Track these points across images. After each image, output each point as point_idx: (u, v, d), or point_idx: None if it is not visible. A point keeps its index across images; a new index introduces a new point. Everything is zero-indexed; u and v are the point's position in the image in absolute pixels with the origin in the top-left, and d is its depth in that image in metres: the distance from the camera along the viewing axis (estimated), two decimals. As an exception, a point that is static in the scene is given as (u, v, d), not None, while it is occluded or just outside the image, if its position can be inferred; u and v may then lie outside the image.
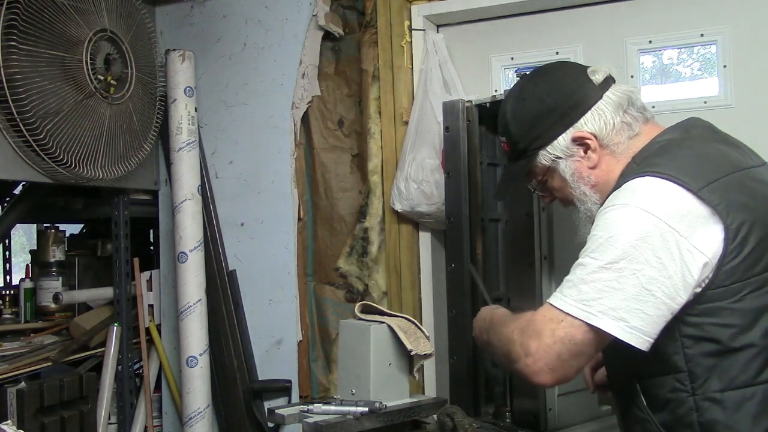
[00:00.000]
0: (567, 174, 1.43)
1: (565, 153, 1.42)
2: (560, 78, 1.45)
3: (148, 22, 2.71)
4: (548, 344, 1.21)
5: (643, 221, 1.20)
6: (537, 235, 1.83)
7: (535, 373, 1.22)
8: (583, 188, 1.42)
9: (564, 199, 1.49)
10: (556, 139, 1.42)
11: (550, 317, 1.23)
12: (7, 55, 2.18)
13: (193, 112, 2.72)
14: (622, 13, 2.34)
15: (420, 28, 2.51)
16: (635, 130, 1.40)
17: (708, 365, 1.23)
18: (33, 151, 2.31)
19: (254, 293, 2.80)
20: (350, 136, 2.65)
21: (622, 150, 1.39)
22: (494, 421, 1.92)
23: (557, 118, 1.41)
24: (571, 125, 1.40)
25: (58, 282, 3.07)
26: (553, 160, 1.43)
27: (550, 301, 1.25)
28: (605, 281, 1.20)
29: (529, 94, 1.46)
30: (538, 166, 1.47)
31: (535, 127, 1.43)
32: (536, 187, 1.54)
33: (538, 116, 1.43)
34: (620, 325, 1.18)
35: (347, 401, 1.87)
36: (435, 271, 2.54)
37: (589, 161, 1.41)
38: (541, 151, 1.44)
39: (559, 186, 1.47)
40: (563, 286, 1.25)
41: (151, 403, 2.94)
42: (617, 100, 1.40)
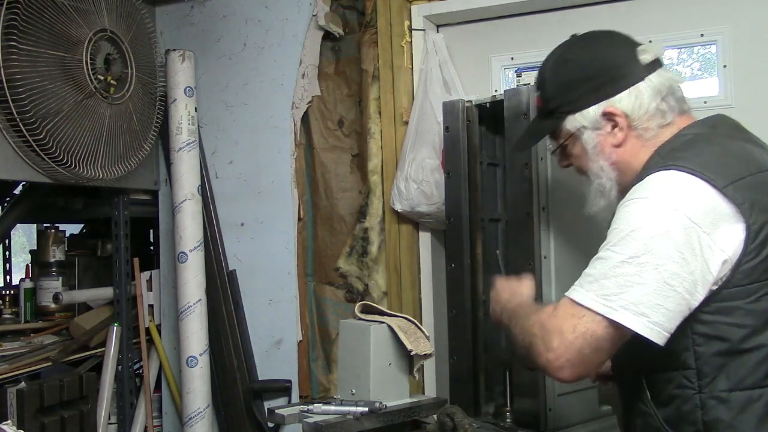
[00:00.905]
0: (589, 145, 1.41)
1: (593, 124, 1.39)
2: (608, 48, 1.42)
3: (148, 22, 2.71)
4: (570, 340, 1.20)
5: (667, 216, 1.19)
6: (537, 235, 1.83)
7: (558, 369, 1.21)
8: (602, 163, 1.40)
9: (580, 168, 1.47)
10: (587, 109, 1.39)
11: (571, 312, 1.22)
12: (7, 55, 2.18)
13: (193, 112, 2.72)
14: (622, 13, 2.34)
15: (420, 28, 2.51)
16: (667, 120, 1.38)
17: (717, 364, 1.22)
18: (33, 151, 2.31)
19: (254, 293, 2.80)
20: (350, 136, 2.65)
21: (649, 136, 1.37)
22: (494, 421, 1.92)
23: (593, 87, 1.39)
24: (605, 98, 1.38)
25: (58, 282, 3.07)
26: (578, 128, 1.41)
27: (571, 296, 1.23)
28: (627, 276, 1.18)
29: (574, 57, 1.43)
30: (563, 130, 1.45)
31: (570, 91, 1.41)
32: (556, 149, 1.51)
33: (575, 81, 1.41)
34: (642, 320, 1.16)
35: (347, 401, 1.88)
36: (435, 271, 2.54)
37: (614, 138, 1.39)
38: (569, 116, 1.42)
39: (578, 154, 1.45)
40: (583, 281, 1.24)
41: (151, 403, 2.94)
42: (658, 85, 1.37)
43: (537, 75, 1.51)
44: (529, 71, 2.48)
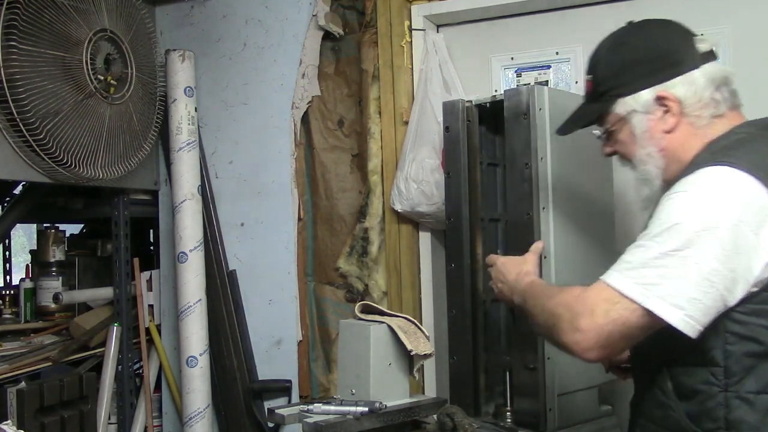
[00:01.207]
0: (638, 130, 1.39)
1: (644, 108, 1.37)
2: (666, 34, 1.41)
3: (148, 22, 2.71)
4: (600, 324, 1.20)
5: (714, 211, 1.18)
6: (537, 235, 1.83)
7: (584, 350, 1.22)
8: (650, 149, 1.38)
9: (625, 155, 1.45)
10: (640, 92, 1.37)
11: (604, 297, 1.21)
12: (7, 55, 2.18)
13: (193, 112, 2.72)
14: (622, 13, 2.33)
15: (420, 28, 2.51)
16: (720, 111, 1.36)
17: (747, 365, 1.22)
18: (33, 151, 2.31)
19: (254, 293, 2.80)
20: (350, 136, 2.65)
21: (701, 125, 1.35)
22: (494, 421, 1.92)
23: (649, 71, 1.37)
24: (660, 83, 1.36)
25: (58, 282, 3.07)
26: (629, 112, 1.39)
27: (607, 280, 1.23)
28: (668, 267, 1.18)
29: (630, 40, 1.42)
30: (612, 114, 1.42)
31: (624, 74, 1.39)
32: (602, 135, 1.48)
33: (630, 63, 1.39)
34: (678, 313, 1.16)
35: (347, 401, 1.87)
36: (435, 271, 2.54)
37: (665, 124, 1.37)
38: (621, 99, 1.39)
39: (625, 140, 1.42)
40: (621, 267, 1.23)
41: (151, 403, 2.94)
42: (713, 75, 1.36)
43: (589, 58, 1.49)
44: (529, 71, 2.48)
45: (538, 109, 1.84)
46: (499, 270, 1.63)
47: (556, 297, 1.31)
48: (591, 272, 1.83)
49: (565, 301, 1.27)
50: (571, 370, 1.85)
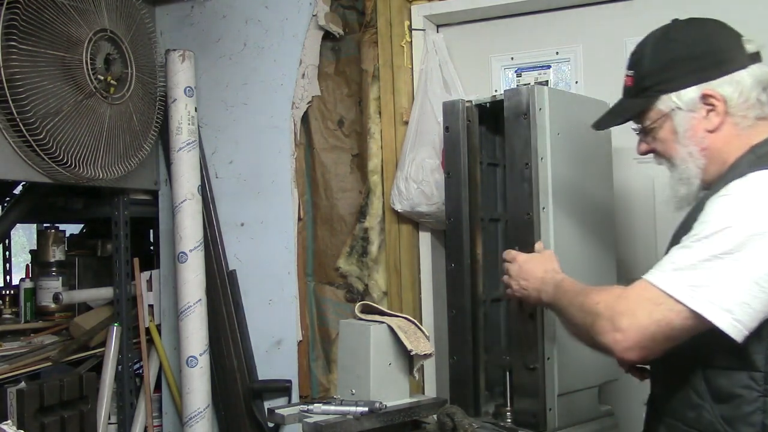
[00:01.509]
0: (681, 128, 1.37)
1: (688, 106, 1.35)
2: (714, 32, 1.39)
3: (148, 22, 2.71)
4: (643, 324, 1.19)
5: (762, 216, 1.17)
6: (537, 235, 1.83)
7: (625, 349, 1.20)
8: (692, 148, 1.36)
9: (663, 154, 1.42)
10: (685, 89, 1.35)
11: (648, 297, 1.20)
12: (7, 55, 2.18)
13: (193, 112, 2.72)
14: (622, 13, 2.34)
15: (420, 28, 2.51)
16: (765, 113, 1.35)
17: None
18: (33, 151, 2.31)
19: (254, 293, 2.80)
20: (350, 136, 2.66)
21: (745, 125, 1.34)
22: (494, 421, 1.92)
23: (696, 68, 1.35)
24: (706, 81, 1.34)
25: (58, 282, 3.07)
26: (672, 109, 1.37)
27: (651, 280, 1.21)
28: (718, 270, 1.16)
29: (678, 36, 1.40)
30: (654, 110, 1.40)
31: (670, 70, 1.37)
32: (641, 132, 1.46)
33: (677, 59, 1.37)
34: (726, 317, 1.15)
35: (347, 401, 1.87)
36: (435, 271, 2.54)
37: (708, 123, 1.35)
38: (664, 96, 1.37)
39: (665, 138, 1.40)
40: (666, 267, 1.21)
41: (151, 403, 2.94)
42: (760, 76, 1.34)
43: (632, 53, 1.46)
44: (529, 71, 2.48)
45: (538, 109, 1.84)
46: (522, 268, 1.61)
47: (595, 295, 1.29)
48: (591, 272, 1.84)
49: (605, 299, 1.26)
50: (571, 370, 1.85)
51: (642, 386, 2.18)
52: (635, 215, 2.32)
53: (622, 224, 2.27)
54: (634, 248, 2.29)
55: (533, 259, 1.63)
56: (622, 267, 2.12)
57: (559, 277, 1.52)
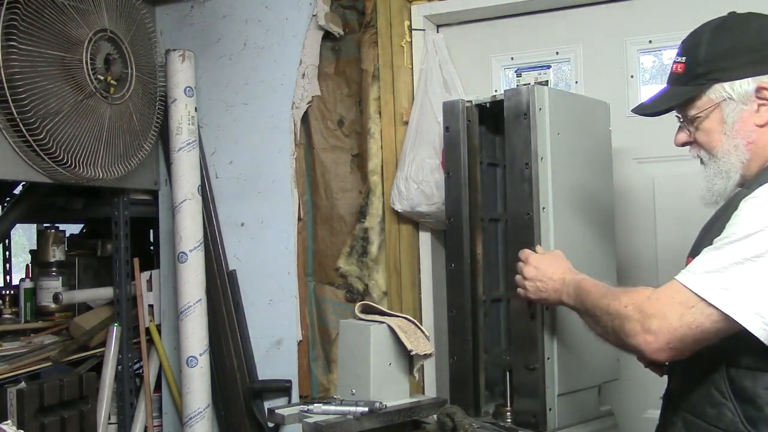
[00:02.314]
0: (729, 119, 1.34)
1: (741, 98, 1.33)
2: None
3: (148, 22, 2.71)
4: (674, 326, 1.19)
5: None
6: (537, 235, 1.83)
7: (656, 351, 1.21)
8: (738, 141, 1.34)
9: (705, 145, 1.39)
10: (741, 80, 1.33)
11: (679, 300, 1.20)
12: (7, 55, 2.18)
13: (193, 112, 2.72)
14: (622, 13, 2.34)
15: (420, 28, 2.51)
16: None
17: None
18: (33, 151, 2.31)
19: (254, 293, 2.80)
20: (350, 136, 2.65)
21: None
22: (494, 421, 1.92)
23: (754, 59, 1.33)
24: (762, 74, 1.32)
25: (58, 282, 3.07)
26: (724, 99, 1.34)
27: (683, 282, 1.20)
28: (750, 273, 1.15)
29: (738, 26, 1.37)
30: (704, 99, 1.37)
31: (727, 59, 1.34)
32: (684, 120, 1.43)
33: (736, 49, 1.34)
34: (757, 319, 1.15)
35: (347, 401, 1.87)
36: (435, 271, 2.54)
37: (759, 117, 1.33)
38: (717, 84, 1.35)
39: (711, 129, 1.37)
40: (698, 269, 1.21)
41: (151, 403, 2.94)
42: None
43: (685, 41, 1.43)
44: (529, 71, 2.48)
45: (538, 109, 1.84)
46: (538, 269, 1.59)
47: (623, 297, 1.28)
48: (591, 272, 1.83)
49: (634, 301, 1.25)
50: (571, 370, 1.85)
51: (642, 386, 2.19)
52: (635, 215, 2.32)
53: (622, 224, 2.27)
54: (634, 248, 2.29)
55: (547, 260, 1.61)
56: (622, 267, 2.12)
57: (579, 277, 1.51)
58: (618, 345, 1.30)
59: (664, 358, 1.22)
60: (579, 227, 1.94)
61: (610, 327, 1.30)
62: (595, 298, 1.38)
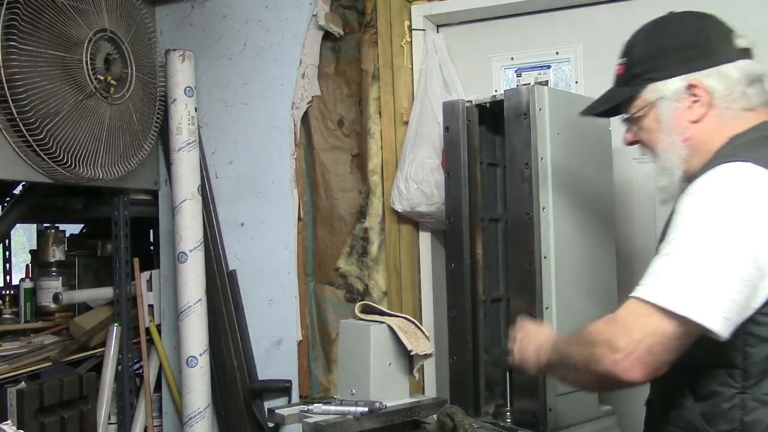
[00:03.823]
0: (665, 117, 1.37)
1: (674, 95, 1.36)
2: (707, 25, 1.39)
3: (148, 22, 2.71)
4: (638, 338, 1.16)
5: (740, 210, 1.16)
6: (537, 235, 1.83)
7: (626, 369, 1.17)
8: (675, 138, 1.36)
9: (648, 143, 1.42)
10: (672, 78, 1.36)
11: (638, 312, 1.18)
12: (7, 55, 2.18)
13: (193, 112, 2.72)
14: (622, 13, 2.34)
15: (420, 28, 2.51)
16: (751, 104, 1.34)
17: (765, 367, 1.20)
18: (33, 151, 2.31)
19: (254, 293, 2.80)
20: (350, 136, 2.65)
21: (729, 117, 1.34)
22: (494, 421, 1.92)
23: (684, 58, 1.35)
24: (693, 71, 1.34)
25: (58, 282, 3.07)
26: (658, 98, 1.37)
27: (637, 295, 1.20)
28: (697, 271, 1.15)
29: (671, 26, 1.41)
30: (640, 98, 1.40)
31: (660, 58, 1.38)
32: (627, 119, 1.46)
33: (667, 48, 1.38)
34: (717, 317, 1.13)
35: (347, 401, 1.87)
36: (435, 271, 2.54)
37: (692, 114, 1.35)
38: (652, 84, 1.38)
39: (650, 127, 1.40)
40: (649, 280, 1.20)
41: (151, 403, 2.94)
42: (747, 71, 1.34)
43: (626, 43, 1.46)
44: (529, 71, 2.48)
45: (538, 109, 1.84)
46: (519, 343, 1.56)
47: (586, 330, 1.27)
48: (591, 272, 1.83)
49: (597, 328, 1.24)
50: (571, 370, 1.85)
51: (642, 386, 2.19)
52: (635, 215, 2.33)
53: (622, 224, 2.27)
54: (635, 248, 2.29)
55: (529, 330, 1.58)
56: (622, 266, 2.12)
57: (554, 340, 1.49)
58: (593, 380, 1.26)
59: (638, 375, 1.17)
60: (579, 227, 1.94)
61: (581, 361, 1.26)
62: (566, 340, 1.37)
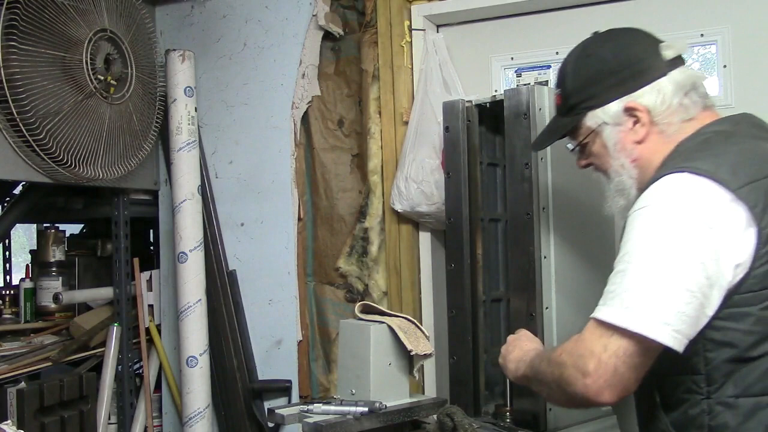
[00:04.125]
0: (610, 142, 1.39)
1: (614, 120, 1.37)
2: (630, 43, 1.40)
3: (148, 22, 2.71)
4: (604, 361, 1.16)
5: (682, 221, 1.17)
6: (537, 235, 1.83)
7: (596, 393, 1.18)
8: (623, 160, 1.38)
9: (599, 167, 1.45)
10: (609, 104, 1.37)
11: (599, 333, 1.19)
12: (7, 55, 2.18)
13: (193, 112, 2.72)
14: (622, 13, 2.34)
15: (420, 28, 2.51)
16: (691, 114, 1.35)
17: (726, 370, 1.21)
18: (33, 151, 2.31)
19: (254, 293, 2.80)
20: (350, 136, 2.66)
21: (672, 131, 1.35)
22: (494, 421, 1.92)
23: (615, 82, 1.37)
24: (627, 93, 1.36)
25: (58, 282, 3.07)
26: (599, 125, 1.39)
27: (596, 316, 1.20)
28: (648, 286, 1.16)
29: (595, 52, 1.42)
30: (583, 127, 1.43)
31: (591, 86, 1.39)
32: (575, 148, 1.49)
33: (597, 75, 1.39)
34: (666, 330, 1.14)
35: (347, 401, 1.87)
36: (435, 271, 2.54)
37: (635, 135, 1.36)
38: (590, 112, 1.40)
39: (598, 152, 1.43)
40: (605, 299, 1.21)
41: (151, 403, 2.94)
42: (681, 81, 1.35)
43: (557, 72, 1.49)
44: (529, 71, 2.48)
45: (538, 109, 1.84)
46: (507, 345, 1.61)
47: (558, 348, 1.29)
48: (591, 272, 1.84)
49: (566, 348, 1.24)
50: (571, 370, 1.85)
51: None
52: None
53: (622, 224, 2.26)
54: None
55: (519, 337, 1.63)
56: (622, 267, 2.12)
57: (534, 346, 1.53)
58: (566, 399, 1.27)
59: (609, 398, 1.18)
60: (579, 227, 1.94)
61: (553, 381, 1.27)
62: (540, 358, 1.39)
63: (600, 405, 1.21)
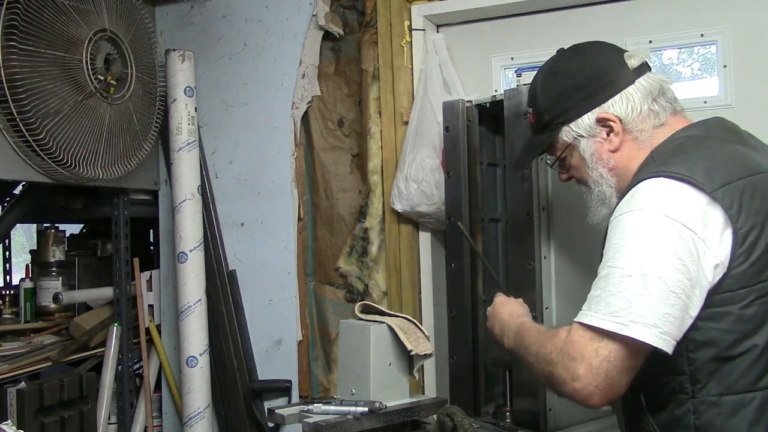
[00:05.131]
0: (587, 154, 1.43)
1: (588, 132, 1.42)
2: (595, 56, 1.44)
3: (148, 22, 2.71)
4: (595, 366, 1.18)
5: (662, 224, 1.19)
6: (537, 235, 1.83)
7: (587, 397, 1.20)
8: (601, 170, 1.42)
9: (580, 179, 1.49)
10: (581, 117, 1.41)
11: (589, 337, 1.20)
12: (7, 55, 2.18)
13: (193, 112, 2.72)
14: (622, 13, 2.34)
15: (420, 28, 2.51)
16: (661, 120, 1.39)
17: (709, 369, 1.22)
18: (33, 151, 2.31)
19: (254, 293, 2.80)
20: (350, 136, 2.66)
21: (645, 138, 1.39)
22: (494, 421, 1.92)
23: (585, 96, 1.41)
24: (597, 105, 1.40)
25: (58, 282, 3.07)
26: (575, 138, 1.43)
27: (583, 321, 1.22)
28: (632, 289, 1.18)
29: (562, 68, 1.46)
30: (559, 142, 1.47)
31: (562, 102, 1.43)
32: (554, 163, 1.53)
33: (566, 91, 1.43)
34: (653, 332, 1.16)
35: (347, 401, 1.87)
36: (435, 271, 2.54)
37: (610, 144, 1.41)
38: (565, 127, 1.44)
39: (577, 165, 1.47)
40: (591, 302, 1.22)
41: (151, 403, 2.94)
42: (648, 87, 1.40)
43: (528, 92, 1.53)
44: (529, 71, 2.48)
45: (538, 109, 1.83)
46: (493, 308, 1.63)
47: (548, 344, 1.29)
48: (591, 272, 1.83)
49: (556, 347, 1.25)
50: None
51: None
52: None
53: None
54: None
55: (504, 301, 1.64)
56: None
57: (520, 320, 1.53)
58: (554, 391, 1.29)
59: (598, 401, 1.20)
60: (579, 227, 1.93)
61: (542, 374, 1.30)
62: (529, 342, 1.39)
63: (589, 408, 1.23)
